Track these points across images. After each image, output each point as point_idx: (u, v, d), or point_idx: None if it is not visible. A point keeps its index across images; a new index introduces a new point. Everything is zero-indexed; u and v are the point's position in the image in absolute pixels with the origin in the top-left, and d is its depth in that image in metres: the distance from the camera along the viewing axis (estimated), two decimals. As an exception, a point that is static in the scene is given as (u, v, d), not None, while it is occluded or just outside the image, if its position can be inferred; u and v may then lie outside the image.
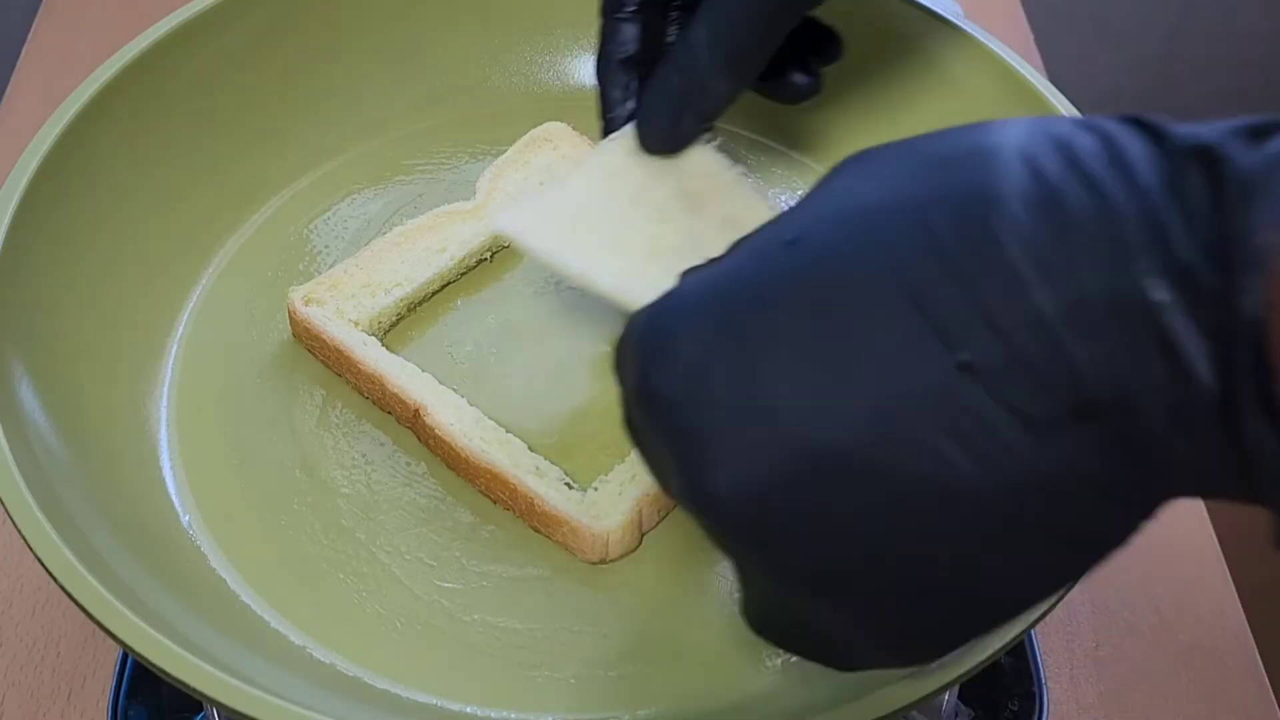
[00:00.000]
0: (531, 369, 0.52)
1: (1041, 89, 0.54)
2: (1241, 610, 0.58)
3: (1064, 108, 0.53)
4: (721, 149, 0.50)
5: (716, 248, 0.38)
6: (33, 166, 0.49)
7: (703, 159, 0.50)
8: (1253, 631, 0.58)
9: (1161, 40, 1.12)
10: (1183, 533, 0.60)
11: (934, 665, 0.39)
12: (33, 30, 0.82)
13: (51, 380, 0.47)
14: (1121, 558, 0.57)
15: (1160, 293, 0.28)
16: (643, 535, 0.48)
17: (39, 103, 0.76)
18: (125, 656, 0.54)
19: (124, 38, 0.54)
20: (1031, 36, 0.83)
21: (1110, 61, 1.13)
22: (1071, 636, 0.57)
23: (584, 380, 0.52)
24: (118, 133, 0.53)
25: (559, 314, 0.54)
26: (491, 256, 0.56)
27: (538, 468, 0.48)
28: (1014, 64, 0.55)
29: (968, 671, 0.40)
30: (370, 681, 0.44)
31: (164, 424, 0.51)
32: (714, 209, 0.49)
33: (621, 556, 0.47)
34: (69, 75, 0.77)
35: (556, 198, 0.49)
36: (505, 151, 0.59)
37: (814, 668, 0.42)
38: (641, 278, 0.46)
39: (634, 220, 0.48)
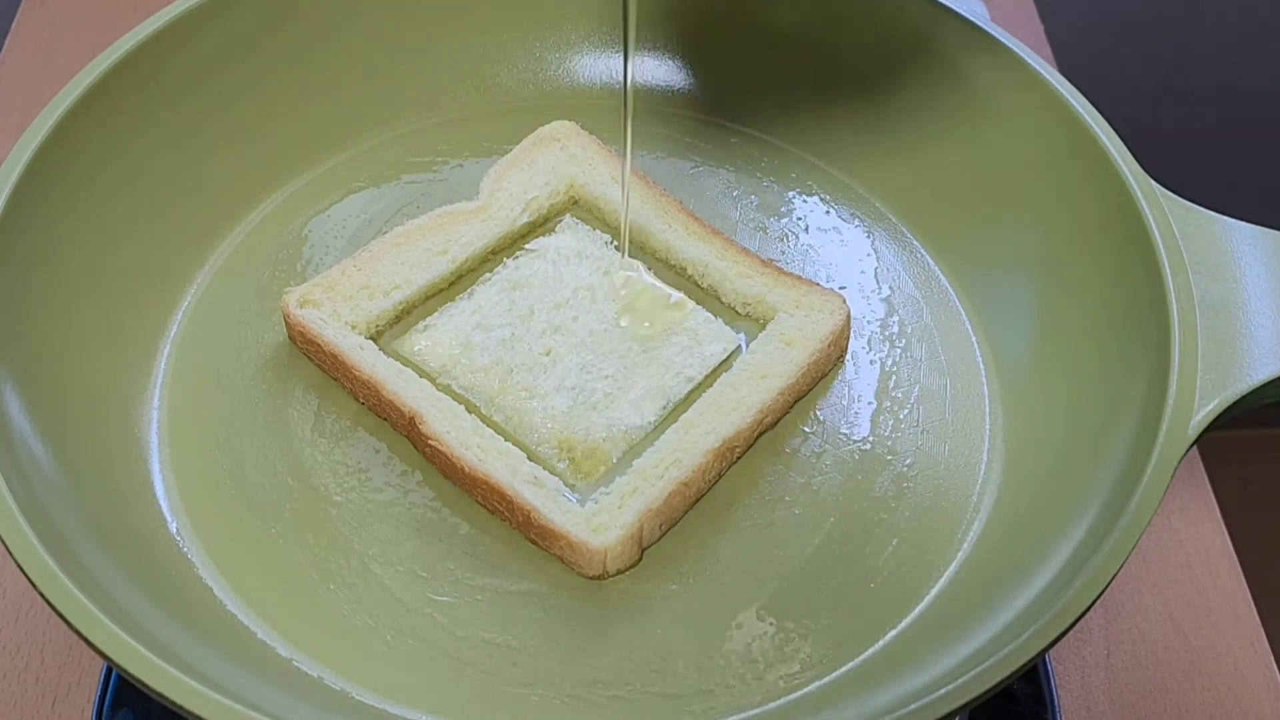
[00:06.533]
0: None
1: (1064, 92, 0.52)
2: (1256, 614, 0.57)
3: (1086, 111, 0.52)
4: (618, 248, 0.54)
5: (608, 348, 0.50)
6: (22, 163, 0.48)
7: (602, 257, 0.54)
8: (1268, 636, 0.56)
9: (1173, 33, 1.11)
10: (1195, 536, 0.59)
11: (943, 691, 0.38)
12: (14, 26, 0.81)
13: (37, 382, 0.46)
14: (1133, 562, 0.57)
15: None
16: (643, 550, 0.46)
17: (25, 99, 0.75)
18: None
19: (112, 31, 0.53)
20: (1042, 28, 0.82)
21: (1121, 54, 1.12)
22: (1083, 643, 0.55)
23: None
24: (110, 128, 0.52)
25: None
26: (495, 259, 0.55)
27: (536, 478, 0.47)
28: (1035, 65, 0.53)
29: (979, 696, 0.38)
30: (358, 697, 0.43)
31: (154, 428, 0.50)
32: (607, 305, 0.52)
33: (621, 572, 0.46)
34: (57, 69, 0.77)
35: (455, 316, 0.52)
36: (511, 150, 0.58)
37: (815, 691, 0.41)
38: (525, 400, 0.49)
39: (524, 336, 0.51)
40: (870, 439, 0.51)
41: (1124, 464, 0.44)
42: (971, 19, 0.55)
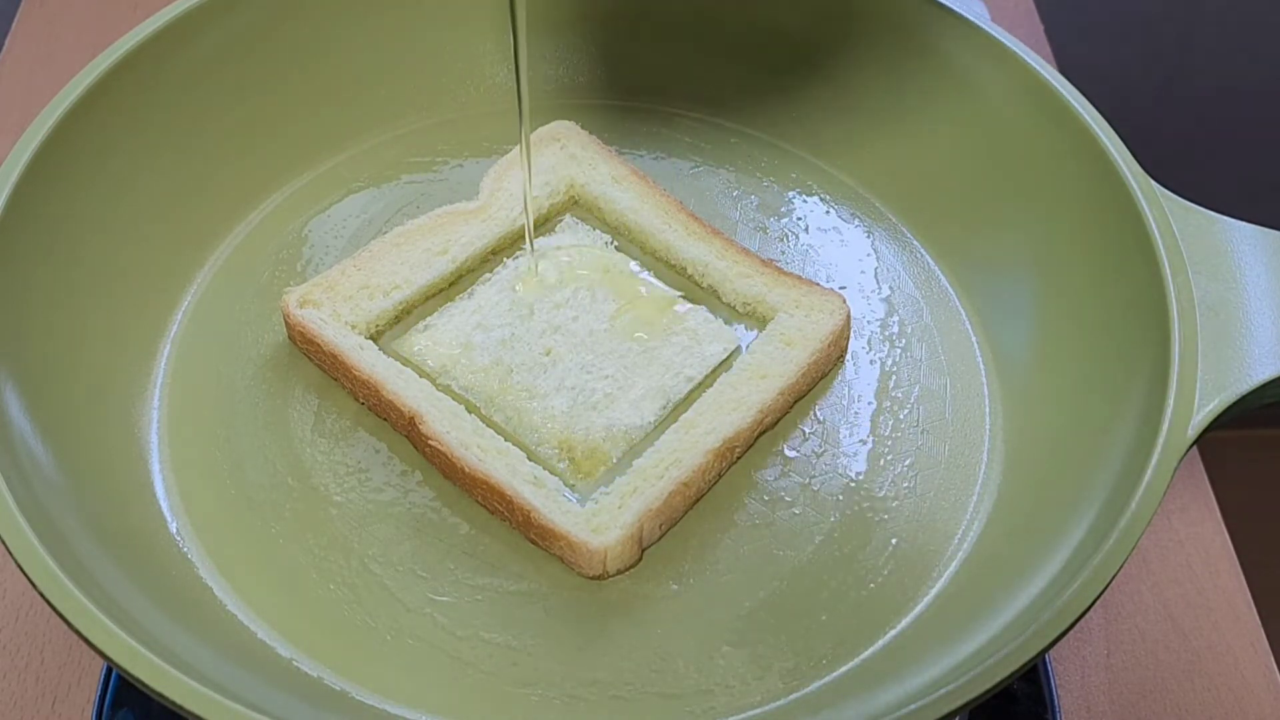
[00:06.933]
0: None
1: (1064, 92, 0.52)
2: (1256, 614, 0.57)
3: (1086, 111, 0.52)
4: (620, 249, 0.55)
5: (608, 348, 0.51)
6: (22, 163, 0.48)
7: (599, 257, 0.54)
8: (1268, 636, 0.56)
9: (1173, 33, 1.11)
10: (1195, 536, 0.59)
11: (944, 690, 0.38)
12: (15, 25, 0.81)
13: (38, 382, 0.46)
14: (1133, 562, 0.57)
15: None
16: (643, 550, 0.46)
17: (25, 99, 0.75)
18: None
19: (112, 31, 0.53)
20: (1042, 28, 0.82)
21: (1121, 54, 1.12)
22: (1083, 643, 0.55)
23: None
24: (110, 128, 0.52)
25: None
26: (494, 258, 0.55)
27: (536, 478, 0.47)
28: (1035, 65, 0.53)
29: (979, 696, 0.38)
30: (358, 697, 0.43)
31: (154, 428, 0.50)
32: (607, 305, 0.52)
33: (621, 572, 0.46)
34: (57, 69, 0.77)
35: (455, 316, 0.52)
36: (511, 150, 0.58)
37: (816, 691, 0.41)
38: (525, 400, 0.49)
39: (524, 336, 0.51)
40: (870, 439, 0.51)
41: (1124, 464, 0.44)
42: (971, 19, 0.55)
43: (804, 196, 0.59)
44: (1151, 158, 0.55)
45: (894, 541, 0.48)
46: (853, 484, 0.49)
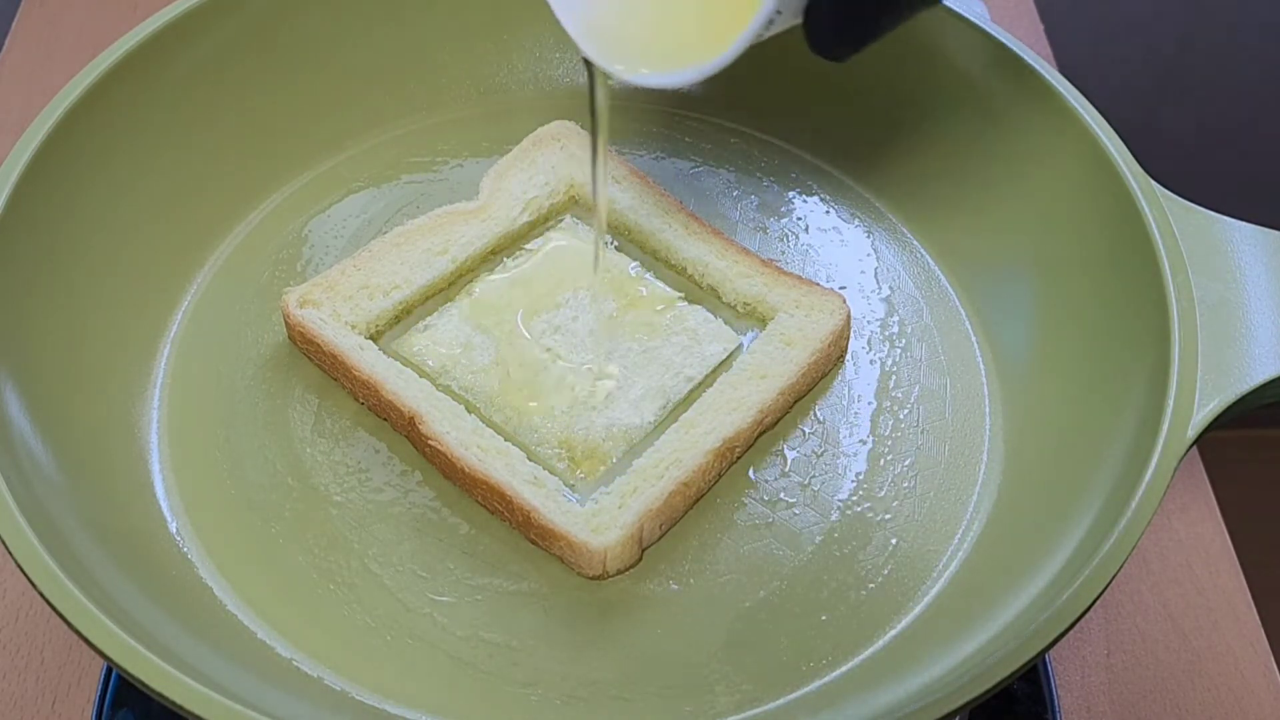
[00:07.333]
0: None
1: (1064, 92, 0.52)
2: (1256, 614, 0.57)
3: (1085, 111, 0.52)
4: (621, 250, 0.55)
5: (604, 347, 0.50)
6: (22, 163, 0.48)
7: (601, 258, 0.53)
8: (1268, 636, 0.56)
9: (1173, 33, 1.11)
10: (1195, 536, 0.59)
11: None
12: (15, 25, 0.81)
13: (38, 382, 0.46)
14: (1133, 562, 0.57)
15: None
16: (643, 550, 0.46)
17: (25, 99, 0.75)
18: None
19: (112, 31, 0.53)
20: (1042, 28, 0.82)
21: (1121, 53, 1.12)
22: (1083, 643, 0.55)
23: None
24: (110, 128, 0.52)
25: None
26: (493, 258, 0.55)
27: (536, 478, 0.47)
28: (1035, 65, 0.53)
29: (979, 696, 0.38)
30: (358, 697, 0.43)
31: (154, 427, 0.50)
32: (607, 305, 0.52)
33: (621, 572, 0.46)
34: (57, 69, 0.76)
35: (455, 315, 0.52)
36: (511, 150, 0.58)
37: (815, 691, 0.41)
38: (525, 399, 0.49)
39: (524, 338, 0.51)
40: (870, 439, 0.51)
41: (1124, 464, 0.44)
42: (971, 19, 0.55)
43: (804, 196, 0.59)
44: (1151, 158, 0.55)
45: (894, 541, 0.48)
46: (853, 484, 0.49)
